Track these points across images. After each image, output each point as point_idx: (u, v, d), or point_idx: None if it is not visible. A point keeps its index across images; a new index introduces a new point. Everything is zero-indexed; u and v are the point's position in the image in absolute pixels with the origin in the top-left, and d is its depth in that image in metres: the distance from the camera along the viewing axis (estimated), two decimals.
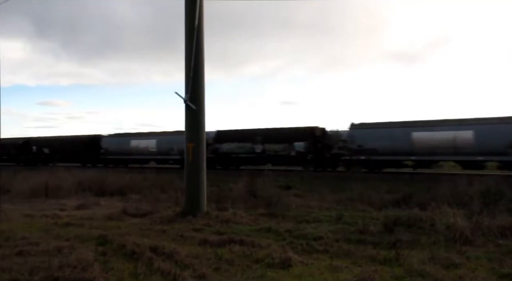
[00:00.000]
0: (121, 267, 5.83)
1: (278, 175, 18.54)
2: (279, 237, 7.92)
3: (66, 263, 5.74)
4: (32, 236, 7.96)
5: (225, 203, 11.96)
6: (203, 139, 11.06)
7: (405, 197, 12.35)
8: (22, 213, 10.91)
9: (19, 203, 13.32)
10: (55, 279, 5.12)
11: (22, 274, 5.35)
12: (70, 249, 6.75)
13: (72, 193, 14.92)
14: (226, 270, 5.76)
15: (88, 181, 16.95)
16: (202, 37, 10.98)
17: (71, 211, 11.40)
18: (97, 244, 7.29)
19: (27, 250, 6.69)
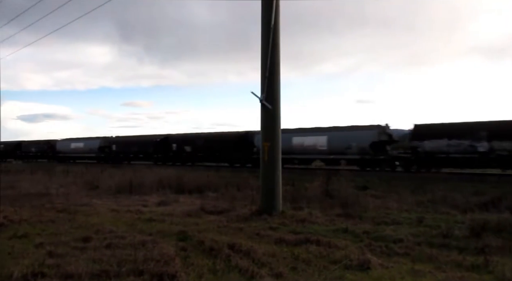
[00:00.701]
0: (200, 263, 6.00)
1: (354, 175, 18.17)
2: (357, 239, 7.74)
3: (150, 257, 6.02)
4: (118, 230, 8.43)
5: (301, 202, 11.92)
6: (279, 139, 11.09)
7: (494, 200, 11.54)
8: (109, 208, 11.60)
9: (106, 198, 14.18)
10: (140, 271, 5.38)
11: (111, 266, 5.67)
12: (153, 243, 7.06)
13: (153, 190, 15.61)
14: (303, 270, 5.73)
15: (168, 179, 17.64)
16: (278, 37, 11.01)
17: (152, 207, 11.94)
18: (178, 240, 7.56)
19: (115, 243, 7.09)
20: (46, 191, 15.70)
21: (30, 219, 9.52)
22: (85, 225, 8.97)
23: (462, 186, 15.65)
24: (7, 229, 8.62)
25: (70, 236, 7.73)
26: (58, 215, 10.20)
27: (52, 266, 5.65)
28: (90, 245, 7.04)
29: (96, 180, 19.37)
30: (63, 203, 12.42)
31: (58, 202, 12.77)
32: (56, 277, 5.13)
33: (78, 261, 5.92)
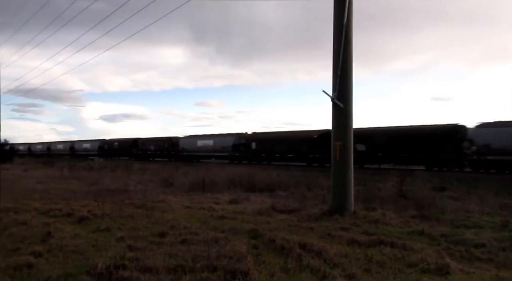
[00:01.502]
0: (272, 261, 6.02)
1: (431, 176, 17.40)
2: (434, 242, 7.42)
3: (223, 254, 6.14)
4: (192, 226, 8.69)
5: (373, 203, 11.60)
6: (351, 138, 10.87)
7: None
8: (183, 205, 12.00)
9: (180, 195, 14.69)
10: (214, 267, 5.51)
11: (186, 261, 5.86)
12: (226, 240, 7.20)
13: (225, 188, 15.93)
14: (377, 272, 5.57)
15: (239, 177, 17.92)
16: (350, 35, 10.79)
17: (224, 205, 12.18)
18: (249, 238, 7.64)
19: (189, 239, 7.31)
20: (125, 187, 16.56)
21: (111, 214, 10.08)
22: (161, 221, 9.34)
23: None
24: (91, 222, 9.20)
25: (148, 231, 8.09)
26: (136, 211, 10.71)
27: (132, 259, 5.94)
28: (166, 240, 7.32)
29: (171, 177, 20.12)
30: (140, 199, 13.04)
31: (136, 198, 13.42)
32: (135, 270, 5.38)
33: (155, 255, 6.17)
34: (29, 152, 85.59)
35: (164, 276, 5.15)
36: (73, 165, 33.72)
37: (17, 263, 5.75)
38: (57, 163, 38.88)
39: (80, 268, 5.56)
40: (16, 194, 14.61)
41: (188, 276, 5.16)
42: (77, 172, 26.61)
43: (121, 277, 5.05)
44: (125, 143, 65.41)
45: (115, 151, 66.47)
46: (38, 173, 26.56)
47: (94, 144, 71.50)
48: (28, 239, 7.46)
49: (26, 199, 13.32)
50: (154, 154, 59.45)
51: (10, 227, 8.53)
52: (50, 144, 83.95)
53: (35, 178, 22.21)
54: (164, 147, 57.61)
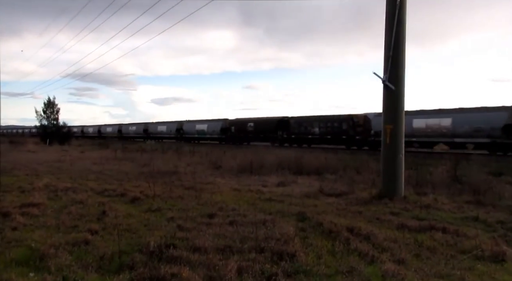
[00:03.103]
0: (319, 244, 6.01)
1: (487, 160, 16.66)
2: (489, 228, 7.16)
3: (270, 236, 6.19)
4: (240, 208, 8.80)
5: (425, 187, 11.31)
6: (402, 121, 10.57)
7: None
8: (231, 187, 12.16)
9: (228, 178, 14.90)
10: (261, 249, 5.56)
11: (234, 242, 5.96)
12: (273, 222, 7.24)
13: (272, 171, 15.98)
14: (427, 258, 5.44)
15: (287, 160, 17.92)
16: (404, 14, 10.41)
17: (272, 188, 12.24)
18: (297, 220, 7.66)
19: (237, 220, 7.41)
20: (175, 169, 16.97)
21: (162, 195, 10.39)
22: (210, 202, 9.52)
23: None
24: (143, 203, 9.52)
25: (197, 212, 8.27)
26: (185, 192, 10.97)
27: (182, 239, 6.10)
28: (214, 221, 7.46)
29: (219, 160, 20.41)
30: (190, 181, 13.33)
31: (185, 180, 13.73)
32: (185, 249, 5.52)
33: (204, 235, 6.31)
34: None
35: (213, 256, 5.25)
36: (125, 147, 34.87)
37: (75, 240, 6.05)
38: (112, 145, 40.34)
39: (133, 246, 5.78)
40: (74, 174, 15.34)
41: (236, 257, 5.24)
42: (129, 154, 27.51)
43: (172, 256, 5.20)
44: (267, 123, 48.44)
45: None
46: (93, 154, 27.71)
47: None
48: (85, 217, 7.83)
49: (83, 179, 13.96)
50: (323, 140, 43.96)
51: (69, 205, 8.97)
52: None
53: (91, 159, 23.18)
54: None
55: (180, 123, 65.52)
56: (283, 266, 4.88)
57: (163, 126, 68.54)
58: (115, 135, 76.84)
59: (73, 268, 4.89)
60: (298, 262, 5.11)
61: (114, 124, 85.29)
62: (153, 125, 72.33)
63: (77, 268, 4.92)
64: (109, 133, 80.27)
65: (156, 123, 72.69)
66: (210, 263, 4.96)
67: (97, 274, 4.80)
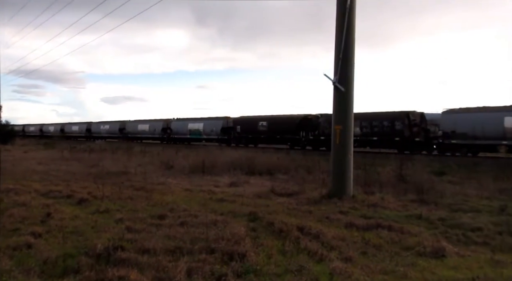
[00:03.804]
0: (270, 244, 6.06)
1: (431, 160, 17.42)
2: (431, 226, 7.47)
3: (221, 236, 6.18)
4: (191, 208, 8.73)
5: (372, 187, 11.66)
6: (351, 122, 10.85)
7: None
8: (183, 187, 12.05)
9: (180, 178, 14.74)
10: (212, 249, 5.55)
11: (184, 243, 5.91)
12: (224, 223, 7.24)
13: (225, 171, 15.96)
14: (373, 255, 5.61)
15: (239, 160, 17.94)
16: (353, 16, 10.68)
17: (224, 188, 12.23)
18: (248, 220, 7.69)
19: (188, 221, 7.36)
20: (125, 169, 16.59)
21: (111, 196, 10.13)
22: (161, 203, 9.39)
23: None
24: (91, 204, 9.24)
25: (147, 213, 8.13)
26: (136, 193, 10.76)
27: (131, 240, 5.98)
28: (165, 222, 7.36)
29: (171, 160, 20.14)
30: (140, 181, 13.08)
31: (136, 180, 13.46)
32: (134, 251, 5.42)
33: (154, 237, 6.22)
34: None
35: (162, 258, 5.18)
36: (73, 146, 33.71)
37: (16, 244, 5.80)
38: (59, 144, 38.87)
39: (79, 249, 5.60)
40: (17, 175, 14.66)
41: (186, 258, 5.20)
42: (77, 154, 26.63)
43: (120, 258, 5.09)
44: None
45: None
46: (39, 154, 26.61)
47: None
48: (28, 220, 7.50)
49: (27, 180, 13.37)
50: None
51: (11, 208, 8.56)
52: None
53: (36, 159, 22.25)
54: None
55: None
56: (233, 266, 4.89)
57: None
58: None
59: (14, 273, 4.68)
60: (248, 262, 5.13)
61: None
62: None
63: (18, 273, 4.71)
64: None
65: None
66: (159, 265, 4.89)
67: (40, 279, 4.63)
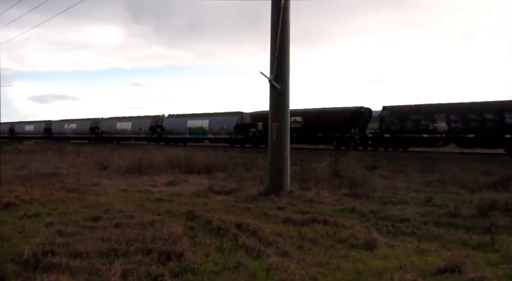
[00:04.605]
0: (208, 242, 6.06)
1: (363, 156, 18.14)
2: (363, 218, 7.78)
3: (158, 236, 6.09)
4: (127, 209, 8.51)
5: (309, 182, 11.94)
6: (288, 119, 11.06)
7: (503, 179, 11.46)
8: (118, 188, 11.71)
9: (115, 178, 14.32)
10: (148, 250, 5.44)
11: (120, 244, 5.74)
12: (162, 223, 7.12)
13: (162, 170, 15.71)
14: (309, 249, 5.76)
15: (176, 159, 17.72)
16: (288, 17, 10.88)
17: (161, 187, 12.03)
18: (186, 219, 7.63)
19: (124, 222, 7.16)
20: (56, 171, 15.87)
21: (40, 199, 9.64)
22: (95, 204, 9.08)
23: (471, 166, 15.55)
24: (18, 208, 8.74)
25: (80, 216, 7.83)
26: (68, 195, 10.33)
27: (62, 244, 5.73)
28: (99, 224, 7.13)
29: (106, 160, 19.52)
30: (73, 183, 12.56)
31: (68, 182, 12.92)
32: (65, 256, 5.20)
33: (87, 240, 6.01)
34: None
35: (96, 261, 5.02)
36: None
37: None
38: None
39: (5, 256, 5.29)
40: None
41: (121, 260, 5.06)
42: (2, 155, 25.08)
43: (50, 264, 4.86)
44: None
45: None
46: None
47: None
48: None
49: None
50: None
51: None
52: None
53: None
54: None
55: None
56: (170, 266, 4.83)
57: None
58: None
59: None
60: (186, 261, 5.09)
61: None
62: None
63: None
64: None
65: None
66: (92, 268, 4.72)
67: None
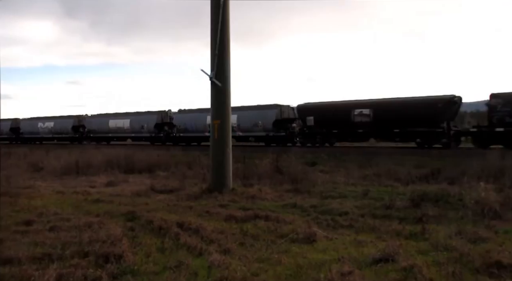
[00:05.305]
0: (148, 242, 5.95)
1: (305, 152, 18.52)
2: (304, 213, 7.93)
3: (96, 238, 5.90)
4: (63, 212, 8.19)
5: (251, 179, 12.03)
6: (229, 116, 11.07)
7: (434, 172, 12.13)
8: (54, 190, 11.23)
9: (51, 180, 13.72)
10: (85, 253, 5.26)
11: (55, 248, 5.51)
12: (100, 224, 6.91)
13: (101, 170, 15.22)
14: (251, 245, 5.80)
15: (117, 158, 17.24)
16: (227, 14, 10.87)
17: (100, 188, 11.67)
18: (126, 220, 7.45)
19: (59, 225, 6.88)
20: None
21: None
22: (28, 208, 8.65)
23: (405, 160, 16.30)
24: None
25: (11, 220, 7.43)
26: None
27: None
28: (32, 228, 6.80)
29: (41, 161, 18.63)
30: (4, 186, 11.87)
31: None
32: None
33: (18, 245, 5.71)
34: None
35: (28, 266, 4.77)
36: None
37: None
38: None
39: None
40: None
41: (56, 264, 4.84)
42: None
43: None
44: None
45: None
46: None
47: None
48: None
49: None
50: None
51: None
52: None
53: None
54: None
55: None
56: (108, 269, 4.69)
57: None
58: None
59: None
60: (125, 262, 4.96)
61: None
62: None
63: None
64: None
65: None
66: (24, 275, 4.49)
67: None
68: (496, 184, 9.13)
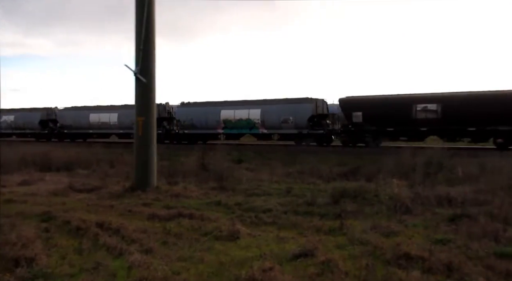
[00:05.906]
0: (64, 244, 5.71)
1: (231, 149, 18.57)
2: (229, 210, 7.96)
3: (6, 241, 5.52)
4: None
5: (176, 177, 11.87)
6: (154, 113, 10.86)
7: (353, 169, 12.68)
8: None
9: None
10: None
11: None
12: (11, 226, 6.47)
13: (14, 168, 14.25)
14: (173, 244, 5.74)
15: (32, 155, 16.25)
16: (153, 10, 10.65)
17: (13, 188, 10.93)
18: (40, 221, 7.08)
19: None
20: None
21: None
22: None
23: (328, 158, 16.88)
24: None
25: None
26: None
27: None
28: None
29: None
30: None
31: None
32: None
33: None
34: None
35: None
36: None
37: None
38: None
39: None
40: None
41: None
42: None
43: None
44: None
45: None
46: None
47: None
48: None
49: None
50: None
51: None
52: None
53: None
54: None
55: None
56: (18, 273, 4.42)
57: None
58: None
59: None
60: (38, 266, 4.71)
61: None
62: None
63: None
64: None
65: None
66: None
67: None
68: (409, 180, 9.75)
